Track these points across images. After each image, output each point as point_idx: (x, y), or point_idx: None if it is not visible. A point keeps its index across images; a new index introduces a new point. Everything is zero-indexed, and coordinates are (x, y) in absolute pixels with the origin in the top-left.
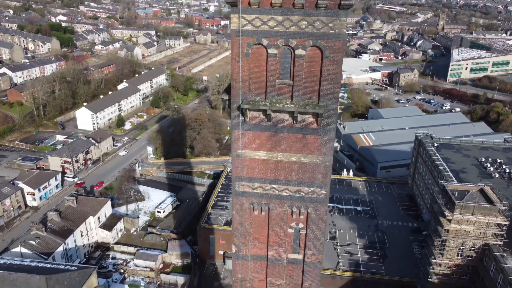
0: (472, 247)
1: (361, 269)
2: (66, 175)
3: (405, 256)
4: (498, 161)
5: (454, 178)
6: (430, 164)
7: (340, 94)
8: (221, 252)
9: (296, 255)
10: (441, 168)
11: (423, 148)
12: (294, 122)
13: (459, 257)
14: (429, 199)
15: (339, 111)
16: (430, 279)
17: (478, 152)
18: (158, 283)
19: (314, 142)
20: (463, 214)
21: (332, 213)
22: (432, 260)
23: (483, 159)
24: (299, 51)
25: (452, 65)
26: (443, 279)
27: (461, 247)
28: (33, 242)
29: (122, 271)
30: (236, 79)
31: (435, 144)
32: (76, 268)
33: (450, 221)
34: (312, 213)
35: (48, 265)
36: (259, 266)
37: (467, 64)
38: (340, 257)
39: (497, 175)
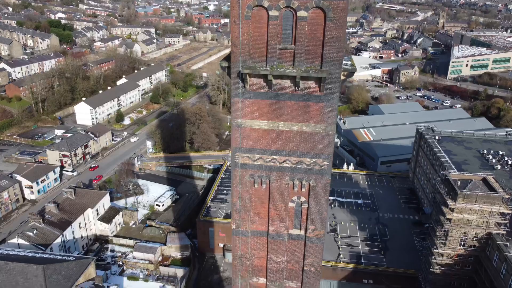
0: (474, 236)
1: (362, 261)
2: (65, 169)
3: (407, 248)
4: (500, 153)
5: (456, 170)
6: (432, 156)
7: (344, 62)
8: (221, 245)
9: (298, 231)
10: (442, 160)
11: (425, 141)
12: (296, 88)
13: (461, 247)
14: (430, 191)
15: (342, 77)
16: (432, 270)
17: (480, 144)
18: (157, 275)
19: (316, 110)
20: (465, 203)
21: (332, 206)
22: (434, 250)
23: (485, 151)
24: (301, 13)
25: (452, 62)
26: (445, 269)
27: (464, 237)
28: (31, 233)
29: (120, 263)
30: (235, 43)
31: (437, 137)
32: (74, 258)
33: (452, 210)
34: (314, 186)
35: (46, 256)
36: (260, 243)
37: (467, 61)
38: (340, 249)
39: (499, 167)
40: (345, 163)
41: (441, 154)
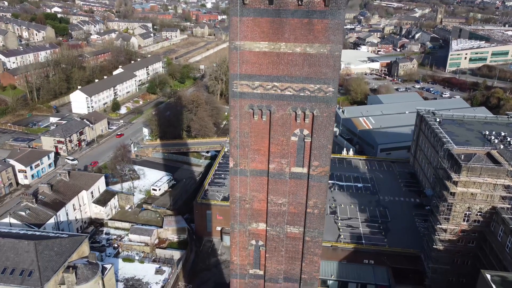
0: (479, 211)
1: (363, 241)
2: (66, 158)
3: (408, 230)
4: (502, 134)
5: None
6: (433, 138)
7: None
8: (219, 228)
9: (300, 169)
10: (444, 140)
11: (425, 123)
12: (299, 3)
13: (465, 223)
14: (431, 174)
15: None
16: (435, 246)
17: (481, 126)
18: (153, 257)
19: (321, 28)
20: (469, 176)
21: (332, 189)
22: (438, 226)
23: (487, 132)
24: None
25: (451, 55)
26: (449, 246)
27: (467, 212)
28: (23, 213)
29: (116, 245)
30: None
31: (437, 119)
32: (67, 235)
33: (456, 183)
34: (318, 116)
35: (38, 233)
36: (259, 183)
37: (466, 53)
38: (341, 230)
39: (502, 146)
40: (344, 149)
41: (442, 135)
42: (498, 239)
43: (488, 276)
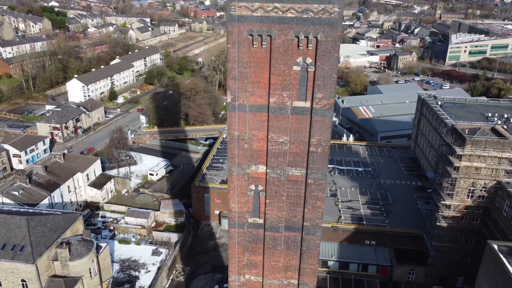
0: (483, 187)
1: (364, 222)
2: (67, 148)
3: (410, 211)
4: (505, 116)
5: None
6: (435, 120)
7: None
8: (217, 212)
9: (303, 103)
10: (446, 121)
11: (427, 106)
12: None
13: (469, 199)
14: (433, 157)
15: None
16: (438, 224)
17: (484, 109)
18: (150, 240)
19: None
20: (474, 149)
21: (332, 173)
22: (441, 203)
23: (490, 114)
24: None
25: (451, 48)
26: (452, 223)
27: (472, 188)
28: (16, 193)
29: (112, 228)
30: None
31: (439, 103)
32: (61, 213)
33: (460, 158)
34: (323, 40)
35: (31, 210)
36: (259, 120)
37: (465, 47)
38: (341, 211)
39: (505, 127)
40: (344, 135)
41: (444, 116)
42: (504, 214)
43: (495, 246)
